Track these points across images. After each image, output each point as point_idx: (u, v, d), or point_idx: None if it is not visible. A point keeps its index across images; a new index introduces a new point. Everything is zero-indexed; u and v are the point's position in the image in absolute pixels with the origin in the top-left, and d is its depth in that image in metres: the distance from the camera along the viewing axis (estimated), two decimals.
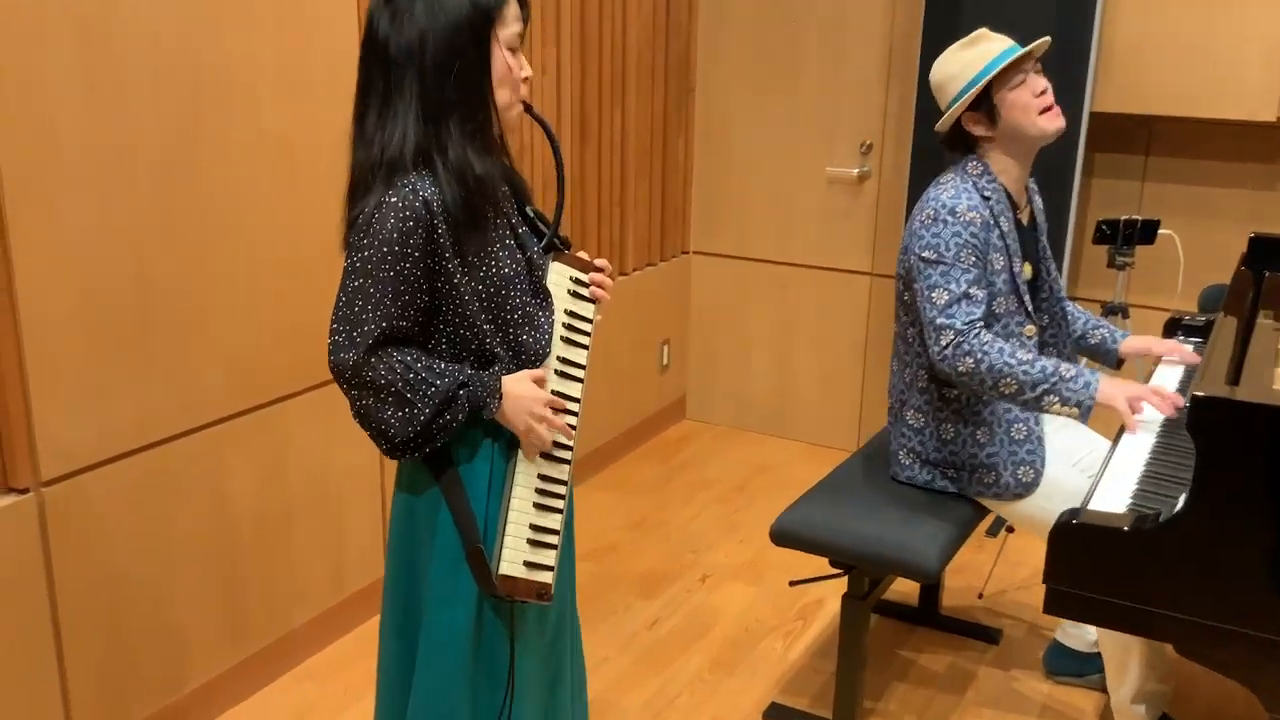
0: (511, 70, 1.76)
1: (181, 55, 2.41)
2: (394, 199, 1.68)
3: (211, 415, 2.61)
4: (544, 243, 1.88)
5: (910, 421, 2.67)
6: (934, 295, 2.46)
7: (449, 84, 1.70)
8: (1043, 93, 2.52)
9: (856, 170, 4.19)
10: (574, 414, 1.87)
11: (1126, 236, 3.14)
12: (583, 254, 1.96)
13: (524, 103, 1.82)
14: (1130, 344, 2.76)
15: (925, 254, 2.48)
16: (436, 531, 1.82)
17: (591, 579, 3.43)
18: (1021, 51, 2.51)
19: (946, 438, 2.61)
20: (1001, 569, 3.51)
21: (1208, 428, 1.66)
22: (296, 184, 2.73)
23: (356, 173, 1.76)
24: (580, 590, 3.34)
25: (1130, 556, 1.75)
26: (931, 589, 3.23)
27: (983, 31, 2.55)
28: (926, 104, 3.80)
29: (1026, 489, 2.57)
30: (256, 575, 2.78)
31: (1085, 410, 2.35)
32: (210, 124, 2.50)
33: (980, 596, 3.36)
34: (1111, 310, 3.28)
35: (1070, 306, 2.84)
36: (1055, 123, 2.53)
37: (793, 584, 2.65)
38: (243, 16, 2.52)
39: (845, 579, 2.61)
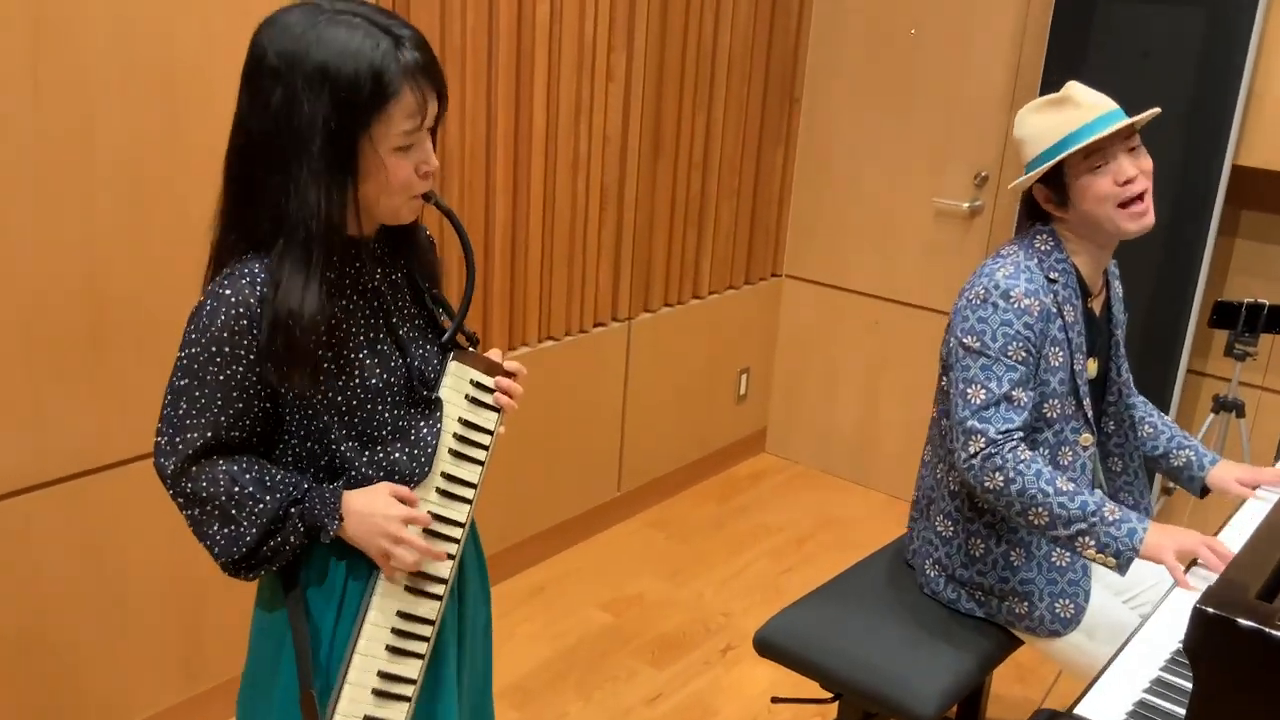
0: (392, 174, 1.41)
1: (156, 49, 2.23)
2: (226, 289, 1.41)
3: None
4: (445, 339, 1.59)
5: (938, 528, 2.28)
6: (970, 391, 2.07)
7: (300, 191, 1.37)
8: (1128, 181, 2.03)
9: (967, 204, 3.74)
10: (455, 541, 1.57)
11: (1249, 322, 2.63)
12: (494, 353, 1.66)
13: (426, 194, 1.49)
14: (1220, 475, 2.28)
15: (967, 340, 2.09)
16: (282, 663, 1.56)
17: (603, 634, 3.16)
18: (1107, 131, 2.01)
19: (975, 554, 2.22)
20: (1069, 682, 3.06)
21: (1208, 654, 1.26)
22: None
23: (211, 254, 1.51)
24: (587, 646, 3.09)
25: None
26: (973, 698, 2.82)
27: (1071, 89, 2.07)
28: None
29: (1065, 626, 2.16)
30: (216, 609, 2.62)
31: (1125, 562, 1.93)
32: (188, 126, 2.32)
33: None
34: (1224, 405, 2.77)
35: (1151, 415, 2.38)
36: (1140, 221, 2.05)
37: (775, 701, 2.31)
38: (231, 5, 2.32)
39: (836, 705, 2.26)
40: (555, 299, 3.32)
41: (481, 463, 1.60)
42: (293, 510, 1.45)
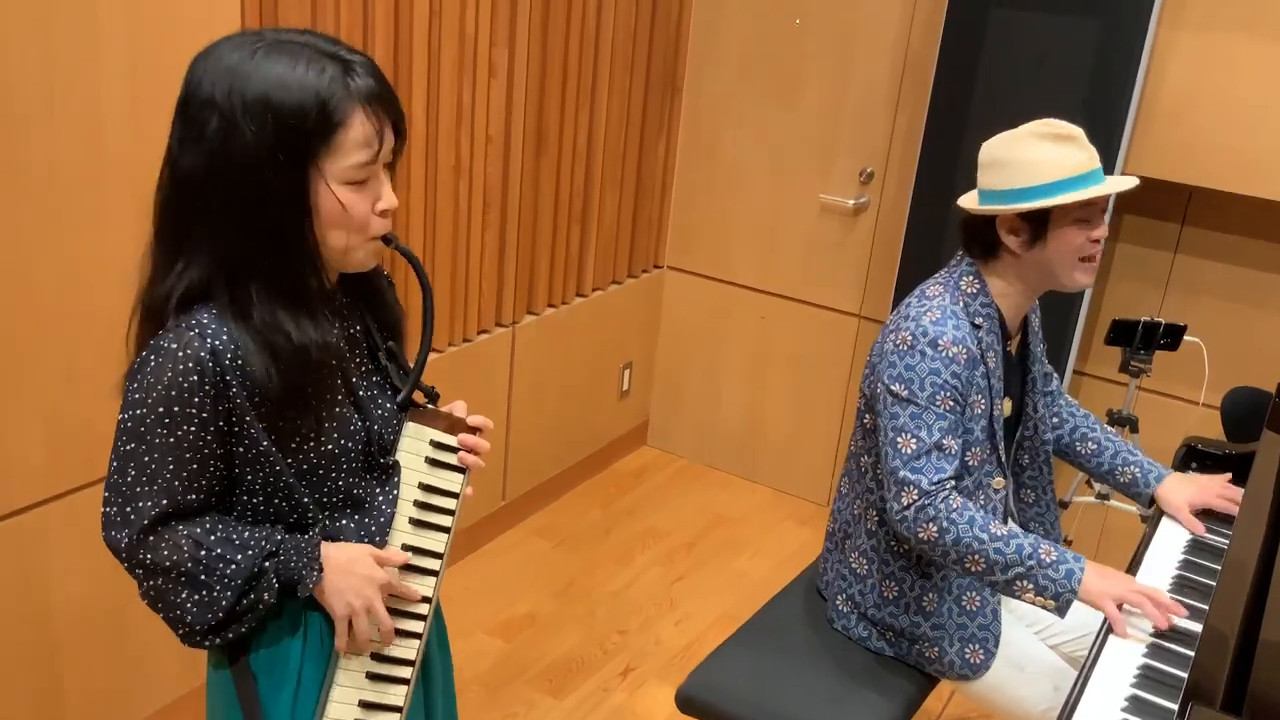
0: (348, 210, 1.30)
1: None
2: (172, 344, 1.28)
3: (27, 498, 2.19)
4: (400, 399, 1.47)
5: (853, 564, 2.23)
6: (900, 441, 2.00)
7: (245, 232, 1.27)
8: (1097, 240, 2.02)
9: (853, 201, 3.69)
10: (421, 618, 1.45)
11: (1145, 340, 2.65)
12: (458, 405, 1.53)
13: (385, 236, 1.38)
14: (1169, 495, 2.23)
15: (895, 387, 2.02)
16: None
17: (499, 663, 3.03)
18: (1123, 188, 1.98)
19: (889, 595, 2.18)
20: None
21: None
22: (149, 220, 2.27)
23: (142, 300, 1.38)
24: (483, 678, 2.96)
25: None
26: None
27: (1070, 127, 1.96)
28: (938, 134, 3.31)
29: (974, 671, 2.14)
30: (81, 674, 2.38)
31: (1064, 605, 1.91)
32: (32, 145, 2.04)
33: None
34: (1117, 420, 2.80)
35: (1093, 429, 2.35)
36: (1090, 278, 2.05)
37: None
38: (81, 14, 2.05)
39: None
40: (437, 310, 3.13)
41: (447, 530, 1.47)
42: (267, 564, 1.33)
